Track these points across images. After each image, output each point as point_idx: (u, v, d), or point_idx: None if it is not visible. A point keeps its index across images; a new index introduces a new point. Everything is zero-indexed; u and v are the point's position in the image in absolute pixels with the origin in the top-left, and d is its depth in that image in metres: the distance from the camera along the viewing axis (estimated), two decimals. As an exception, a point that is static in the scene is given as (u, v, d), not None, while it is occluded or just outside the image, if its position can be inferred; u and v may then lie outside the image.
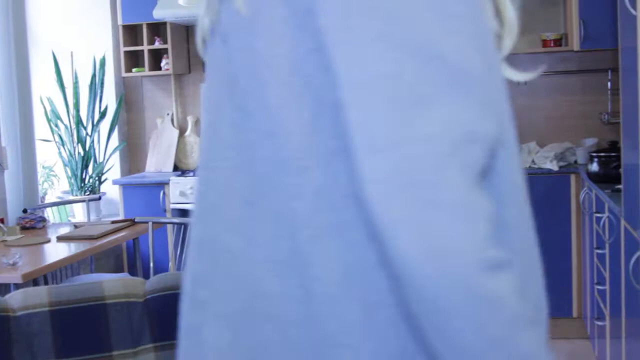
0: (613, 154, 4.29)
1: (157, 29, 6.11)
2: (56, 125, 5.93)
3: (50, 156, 6.10)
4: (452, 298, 0.84)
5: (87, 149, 5.95)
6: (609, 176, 4.17)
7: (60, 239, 4.38)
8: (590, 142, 5.23)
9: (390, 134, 0.87)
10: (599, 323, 4.16)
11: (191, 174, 5.69)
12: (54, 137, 5.93)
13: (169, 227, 5.57)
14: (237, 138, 1.06)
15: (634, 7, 2.85)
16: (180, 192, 5.53)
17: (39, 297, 2.54)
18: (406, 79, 0.88)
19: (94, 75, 5.97)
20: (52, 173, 6.19)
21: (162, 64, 6.04)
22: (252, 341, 1.04)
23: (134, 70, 6.07)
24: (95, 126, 5.98)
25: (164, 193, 5.64)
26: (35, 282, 4.08)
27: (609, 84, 5.31)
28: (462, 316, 0.85)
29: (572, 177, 4.91)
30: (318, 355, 1.00)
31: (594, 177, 4.26)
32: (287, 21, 0.99)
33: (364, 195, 0.89)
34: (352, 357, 0.97)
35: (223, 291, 1.07)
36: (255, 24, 1.02)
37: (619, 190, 3.55)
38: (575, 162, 5.16)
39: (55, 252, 4.12)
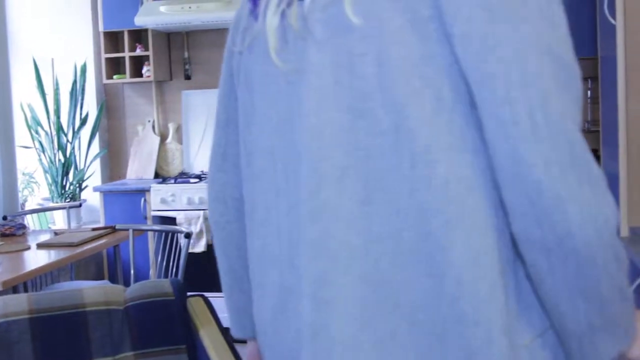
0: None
1: (139, 35, 6.09)
2: (36, 132, 5.90)
3: (30, 163, 6.08)
4: (600, 249, 1.10)
5: (67, 155, 5.92)
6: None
7: (41, 246, 4.36)
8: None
9: (550, 124, 1.06)
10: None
11: (172, 181, 5.68)
12: (34, 143, 5.90)
13: (150, 234, 5.55)
14: (345, 139, 1.15)
15: (613, 16, 2.87)
16: (161, 199, 5.52)
17: (18, 304, 2.52)
18: (549, 78, 1.08)
19: (74, 82, 5.95)
20: (32, 180, 6.16)
21: (143, 70, 6.03)
22: (380, 332, 1.13)
23: (115, 77, 6.06)
24: (76, 133, 5.95)
25: (144, 200, 5.62)
26: (14, 290, 4.05)
27: (588, 92, 5.33)
28: (603, 258, 1.11)
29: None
30: (449, 336, 1.11)
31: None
32: (405, 29, 1.11)
33: (526, 178, 1.07)
34: (484, 333, 1.10)
35: (346, 288, 1.14)
36: (368, 32, 1.13)
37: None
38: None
39: (35, 259, 4.10)
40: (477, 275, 1.11)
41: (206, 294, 3.05)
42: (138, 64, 6.10)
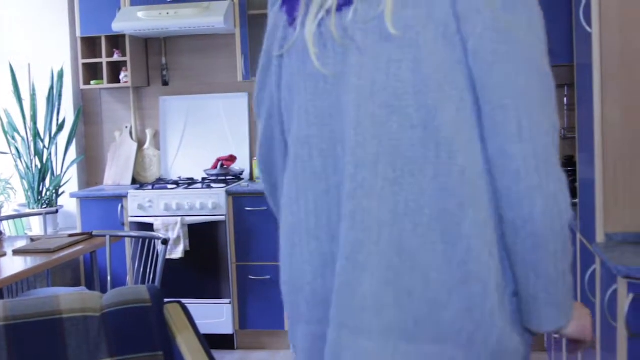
0: (569, 168, 4.33)
1: (116, 41, 6.08)
2: (13, 138, 5.87)
3: (6, 169, 6.04)
4: (553, 237, 1.45)
5: (44, 161, 5.89)
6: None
7: (17, 252, 4.34)
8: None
9: (533, 129, 1.41)
10: (556, 335, 4.19)
11: (149, 187, 5.66)
12: (10, 149, 5.87)
13: (127, 240, 5.53)
14: (379, 130, 1.46)
15: (589, 24, 2.89)
16: (138, 205, 5.50)
17: (-7, 311, 2.50)
18: (536, 90, 1.43)
19: (51, 87, 5.93)
20: (8, 186, 6.12)
21: (121, 76, 6.01)
22: (399, 289, 1.45)
23: (92, 82, 6.04)
24: (52, 139, 5.93)
25: (122, 206, 5.60)
26: (-10, 296, 4.03)
27: (565, 99, 5.36)
28: (553, 245, 1.46)
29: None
30: (454, 292, 1.45)
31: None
32: (438, 40, 1.42)
33: (508, 168, 1.42)
34: (482, 289, 1.45)
35: (376, 253, 1.46)
36: (406, 42, 1.43)
37: (574, 205, 3.59)
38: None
39: (12, 265, 4.08)
40: (481, 244, 1.45)
41: (183, 301, 3.04)
42: (115, 69, 6.08)
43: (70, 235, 4.78)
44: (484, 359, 1.48)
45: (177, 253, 5.39)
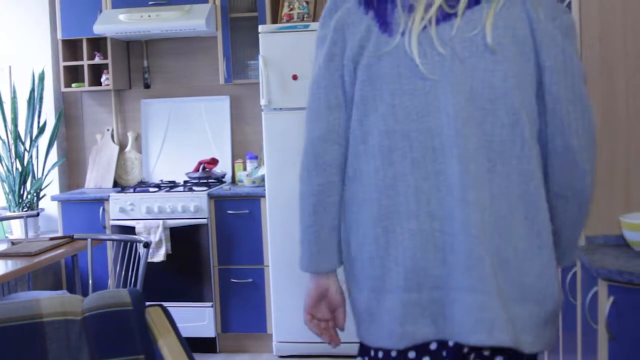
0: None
1: (97, 44, 6.06)
2: (-7, 141, 5.84)
3: (-13, 172, 6.01)
4: (590, 203, 1.99)
5: (25, 164, 5.87)
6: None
7: (-3, 256, 4.31)
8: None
9: (586, 129, 1.92)
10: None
11: (131, 190, 5.65)
12: (-9, 152, 5.84)
13: (109, 243, 5.52)
14: (477, 129, 1.85)
15: (570, 28, 2.91)
16: (120, 208, 5.49)
17: (-26, 315, 2.49)
18: (586, 99, 1.93)
19: (32, 90, 5.90)
20: (-12, 189, 6.09)
21: (102, 79, 5.99)
22: (500, 257, 1.86)
23: (73, 85, 6.02)
24: (33, 141, 5.90)
25: (103, 209, 5.59)
26: (-30, 300, 4.01)
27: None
28: (589, 206, 2.00)
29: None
30: (534, 257, 1.88)
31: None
32: (519, 56, 1.86)
33: (570, 157, 1.92)
34: (549, 254, 1.91)
35: (481, 226, 1.83)
36: (498, 55, 1.85)
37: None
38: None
39: (-8, 269, 4.06)
40: (548, 217, 1.92)
41: (165, 304, 3.04)
42: (97, 72, 6.07)
43: (52, 239, 4.76)
44: (551, 309, 1.91)
45: (159, 256, 5.38)
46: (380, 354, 1.96)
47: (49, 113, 6.09)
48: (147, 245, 4.27)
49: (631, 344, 2.45)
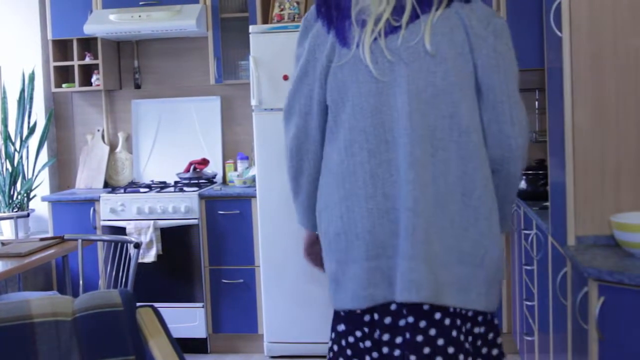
0: (541, 171, 4.36)
1: (88, 44, 6.05)
2: (-17, 141, 5.83)
3: (-23, 172, 5.99)
4: (520, 178, 2.47)
5: (15, 165, 5.85)
6: (536, 194, 4.25)
7: (-13, 256, 4.30)
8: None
9: (518, 116, 2.32)
10: (528, 338, 4.22)
11: (121, 190, 5.64)
12: (-19, 153, 5.82)
13: (99, 244, 5.51)
14: (424, 120, 2.27)
15: (560, 29, 2.92)
16: (110, 209, 5.48)
17: (-36, 316, 2.49)
18: (517, 92, 2.34)
19: (22, 90, 5.89)
20: (-22, 189, 6.07)
21: (93, 79, 5.98)
22: (438, 227, 2.27)
23: (64, 85, 6.00)
24: (23, 142, 5.89)
25: (94, 210, 5.58)
26: (-40, 301, 3.99)
27: (535, 103, 5.40)
28: (519, 181, 2.47)
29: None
30: (470, 227, 2.28)
31: (522, 195, 4.33)
32: (457, 58, 2.28)
33: (505, 142, 2.33)
34: (487, 224, 2.31)
35: (425, 203, 2.25)
36: (437, 58, 2.27)
37: (546, 208, 3.61)
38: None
39: (-18, 270, 4.04)
40: (486, 193, 2.31)
41: (156, 304, 3.03)
42: (87, 72, 6.05)
43: (42, 239, 4.75)
44: (492, 271, 2.32)
45: (150, 257, 5.37)
46: (347, 318, 2.40)
47: (39, 113, 6.08)
48: (137, 245, 4.27)
49: (621, 344, 2.45)
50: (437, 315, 2.29)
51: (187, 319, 5.46)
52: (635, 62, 2.83)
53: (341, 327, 2.46)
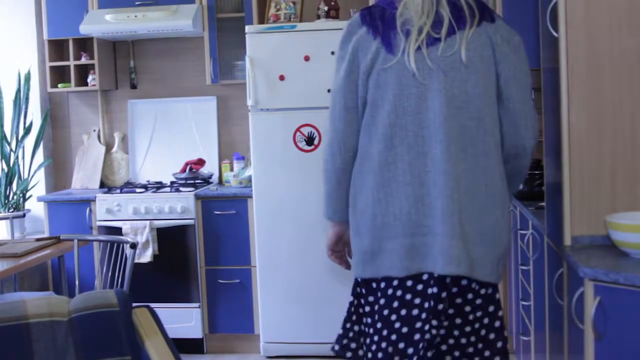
0: (537, 172, 4.36)
1: (84, 44, 6.05)
2: (-21, 141, 5.82)
3: (-28, 172, 5.98)
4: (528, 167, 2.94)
5: (11, 165, 5.85)
6: (532, 194, 4.24)
7: (-17, 257, 4.30)
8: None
9: (531, 121, 2.77)
10: (524, 338, 4.22)
11: (117, 190, 5.63)
12: (-24, 153, 5.82)
13: (95, 244, 5.50)
14: (454, 122, 2.65)
15: (556, 29, 2.92)
16: (106, 209, 5.47)
17: (-41, 317, 2.48)
18: (530, 100, 2.80)
19: (18, 90, 5.88)
20: (-26, 190, 6.06)
21: (89, 79, 5.98)
22: (468, 213, 2.66)
23: (59, 85, 6.00)
24: (19, 142, 5.88)
25: (90, 210, 5.57)
26: (-44, 302, 3.98)
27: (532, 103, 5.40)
28: (526, 172, 2.96)
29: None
30: (490, 212, 2.70)
31: (518, 195, 4.33)
32: (484, 70, 2.69)
33: (520, 143, 2.79)
34: (501, 210, 2.73)
35: (458, 192, 2.65)
36: (469, 69, 2.67)
37: (542, 208, 3.61)
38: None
39: (-23, 270, 4.04)
40: (503, 184, 2.75)
41: (152, 305, 3.03)
42: (83, 72, 6.05)
43: (38, 240, 4.74)
44: (501, 251, 2.76)
45: (146, 257, 5.37)
46: (383, 284, 2.73)
47: (35, 113, 6.07)
48: (133, 246, 4.26)
49: (617, 344, 2.46)
50: (454, 289, 2.71)
51: (183, 319, 5.46)
52: (631, 62, 2.83)
53: (370, 296, 2.81)
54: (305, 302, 5.21)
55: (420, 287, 2.69)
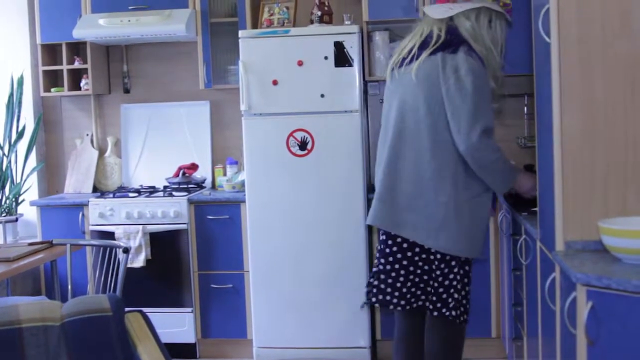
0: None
1: (77, 48, 6.04)
2: (-28, 145, 5.81)
3: (-35, 177, 5.97)
4: (489, 166, 3.85)
5: (3, 169, 5.84)
6: (525, 199, 4.25)
7: (-25, 261, 4.29)
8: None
9: (464, 129, 3.66)
10: (517, 343, 4.22)
11: (110, 195, 5.63)
12: (-31, 157, 5.81)
13: (88, 249, 5.49)
14: (406, 124, 3.79)
15: (548, 35, 2.93)
16: (99, 213, 5.47)
17: (-49, 321, 2.48)
18: (465, 111, 3.69)
19: (11, 94, 5.88)
20: (-33, 194, 6.05)
21: (82, 84, 5.97)
22: (415, 193, 3.84)
23: (52, 89, 5.99)
24: (12, 146, 5.87)
25: (82, 215, 5.56)
26: (-52, 306, 3.97)
27: (525, 108, 5.42)
28: (475, 159, 3.83)
29: (490, 200, 4.98)
30: (433, 200, 3.78)
31: (511, 200, 4.34)
32: (431, 87, 3.73)
33: (458, 145, 3.70)
34: (447, 198, 3.77)
35: (413, 176, 3.84)
36: (418, 86, 3.77)
37: (535, 213, 3.62)
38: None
39: (-30, 275, 4.03)
40: (449, 174, 3.74)
41: (145, 310, 3.02)
42: (76, 76, 6.04)
43: (30, 244, 4.74)
44: (439, 223, 3.75)
45: (139, 262, 5.36)
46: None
47: (28, 118, 6.06)
48: (126, 250, 4.26)
49: (609, 349, 2.46)
50: (399, 240, 3.97)
51: (176, 324, 5.45)
52: (623, 67, 2.84)
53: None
54: (298, 307, 5.21)
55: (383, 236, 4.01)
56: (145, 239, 5.36)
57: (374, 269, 4.03)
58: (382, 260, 3.95)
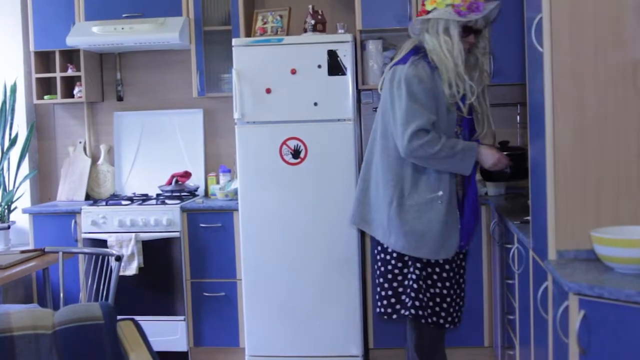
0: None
1: (70, 56, 6.04)
2: (-36, 153, 5.80)
3: (-43, 184, 5.95)
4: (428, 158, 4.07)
5: (-4, 177, 5.82)
6: (518, 208, 4.26)
7: (-33, 269, 4.27)
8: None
9: (399, 134, 3.94)
10: (509, 352, 4.22)
11: (103, 203, 5.62)
12: (-39, 164, 5.79)
13: (80, 257, 5.48)
14: (376, 133, 4.15)
15: (541, 44, 2.94)
16: (92, 221, 5.46)
17: (-57, 329, 2.47)
18: (398, 119, 3.97)
19: (4, 102, 5.87)
20: (-41, 201, 6.03)
21: (75, 91, 5.96)
22: (368, 191, 4.20)
23: (45, 97, 5.98)
24: (5, 153, 5.86)
25: (75, 222, 5.56)
26: (-61, 314, 3.96)
27: (517, 117, 5.43)
28: (418, 159, 4.05)
29: (483, 209, 4.99)
30: (384, 203, 4.08)
31: (503, 209, 4.34)
32: (386, 98, 4.08)
33: (398, 144, 3.96)
34: (397, 201, 4.02)
35: (368, 177, 4.21)
36: (382, 96, 4.14)
37: (527, 222, 3.63)
38: (486, 193, 5.24)
39: (-39, 282, 4.02)
40: (388, 172, 4.06)
41: (137, 318, 3.02)
42: (69, 84, 6.04)
43: (23, 252, 4.73)
44: (385, 223, 4.04)
45: (131, 269, 5.35)
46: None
47: (20, 125, 6.05)
48: (119, 258, 4.25)
49: (601, 358, 2.47)
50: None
51: (168, 332, 5.44)
52: (615, 77, 2.85)
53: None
54: (290, 316, 5.20)
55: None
56: (138, 247, 5.36)
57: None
58: (375, 266, 4.28)
